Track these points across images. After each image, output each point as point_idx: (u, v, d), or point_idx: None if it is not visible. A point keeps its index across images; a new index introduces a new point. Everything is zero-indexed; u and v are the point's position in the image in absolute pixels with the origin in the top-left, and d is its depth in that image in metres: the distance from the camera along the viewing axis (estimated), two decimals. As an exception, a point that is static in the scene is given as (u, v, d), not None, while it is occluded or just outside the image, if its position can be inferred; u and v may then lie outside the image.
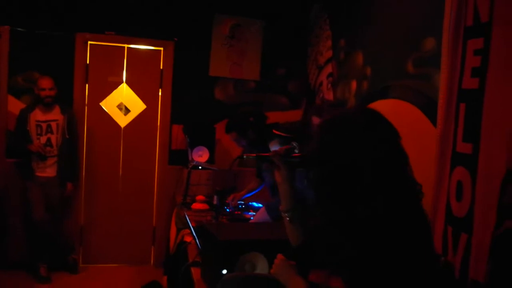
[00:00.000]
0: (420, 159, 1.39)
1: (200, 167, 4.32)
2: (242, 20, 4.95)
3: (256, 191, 4.00)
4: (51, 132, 4.32)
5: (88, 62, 4.74)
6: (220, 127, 4.80)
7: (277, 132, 2.75)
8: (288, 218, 1.65)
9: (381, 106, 3.11)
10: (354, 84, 3.70)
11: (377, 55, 3.39)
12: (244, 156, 1.80)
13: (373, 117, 1.31)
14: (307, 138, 2.77)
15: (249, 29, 4.96)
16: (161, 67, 4.89)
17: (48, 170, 4.32)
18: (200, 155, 4.39)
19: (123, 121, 4.88)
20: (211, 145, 4.51)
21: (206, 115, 4.84)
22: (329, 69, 4.30)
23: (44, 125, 4.31)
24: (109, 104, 4.84)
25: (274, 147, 2.73)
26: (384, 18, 3.29)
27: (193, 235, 2.60)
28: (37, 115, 4.31)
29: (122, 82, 4.85)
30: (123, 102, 4.87)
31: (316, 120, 2.92)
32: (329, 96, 4.25)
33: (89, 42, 4.73)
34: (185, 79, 4.85)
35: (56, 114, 4.35)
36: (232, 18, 4.91)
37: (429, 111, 2.57)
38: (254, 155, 1.76)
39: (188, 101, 4.84)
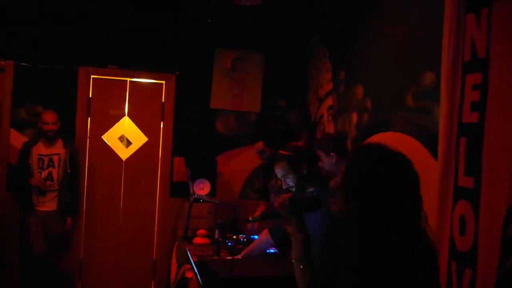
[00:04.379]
0: (421, 192, 1.40)
1: (201, 200, 4.30)
2: (243, 53, 5.03)
3: None
4: (53, 166, 4.33)
5: (90, 95, 4.79)
6: (222, 159, 4.84)
7: (284, 152, 2.70)
8: (301, 267, 1.63)
9: (382, 139, 3.12)
10: (354, 117, 3.73)
11: (377, 88, 3.43)
12: (250, 219, 1.82)
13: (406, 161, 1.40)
14: (315, 158, 2.78)
15: (250, 62, 5.04)
16: (163, 100, 4.94)
17: (48, 204, 4.30)
18: (202, 188, 4.38)
19: (124, 153, 4.90)
20: (213, 178, 4.50)
21: (207, 148, 4.86)
22: (329, 101, 4.33)
23: (46, 159, 4.32)
24: (111, 137, 4.87)
25: (281, 170, 2.67)
26: (384, 51, 3.34)
27: (195, 271, 2.57)
28: (40, 148, 4.32)
29: (124, 115, 4.89)
30: (124, 135, 4.89)
31: (321, 154, 2.92)
32: (330, 128, 4.27)
33: (92, 76, 4.79)
34: (186, 112, 4.90)
35: (58, 148, 4.37)
36: (232, 51, 4.99)
37: (430, 144, 2.58)
38: (260, 214, 1.77)
39: (190, 133, 4.87)
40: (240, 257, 2.96)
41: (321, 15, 4.56)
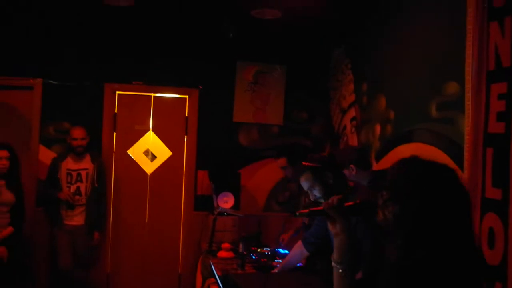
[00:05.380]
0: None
1: (225, 213, 4.31)
2: (265, 66, 5.06)
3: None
4: (81, 181, 4.41)
5: (116, 111, 4.89)
6: (245, 172, 4.85)
7: (308, 164, 2.65)
8: (340, 270, 1.59)
9: (406, 150, 3.09)
10: (378, 128, 3.70)
11: (400, 99, 3.39)
12: (297, 213, 1.79)
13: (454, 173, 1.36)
14: (339, 169, 2.74)
15: (272, 74, 5.06)
16: (186, 114, 5.00)
17: (76, 219, 4.38)
18: (226, 201, 4.39)
19: (149, 167, 4.96)
20: (236, 191, 4.52)
21: (230, 161, 4.88)
22: (352, 113, 4.31)
23: (74, 174, 4.41)
24: (136, 152, 4.94)
25: (306, 182, 2.63)
26: (406, 62, 3.31)
27: (219, 285, 2.57)
28: (69, 163, 4.42)
29: (149, 129, 4.97)
30: (149, 149, 4.96)
31: (343, 166, 2.90)
32: (353, 140, 4.25)
33: (117, 92, 4.89)
34: (209, 125, 4.94)
35: (86, 163, 4.46)
36: (254, 65, 5.03)
37: (455, 155, 2.53)
38: (307, 211, 1.74)
39: (213, 147, 4.90)
40: (275, 272, 2.95)
41: (343, 27, 4.56)
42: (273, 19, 4.39)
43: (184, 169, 4.99)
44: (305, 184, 2.63)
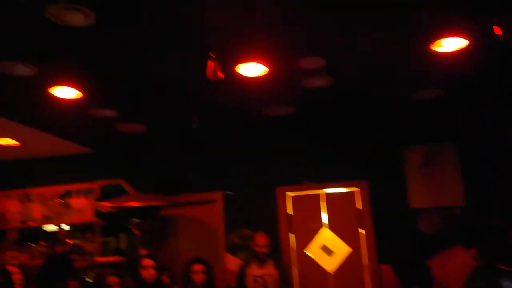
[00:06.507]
0: None
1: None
2: (433, 146, 4.85)
3: None
4: (267, 286, 4.51)
5: (289, 212, 5.03)
6: (434, 263, 4.47)
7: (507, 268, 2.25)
8: None
9: None
10: None
11: None
12: None
13: None
14: None
15: (443, 154, 4.81)
16: (359, 207, 4.93)
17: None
18: (419, 298, 4.06)
19: (329, 265, 4.89)
20: (427, 285, 4.16)
21: (414, 251, 4.58)
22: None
23: (260, 280, 4.54)
24: (314, 250, 4.95)
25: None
26: None
27: None
28: (253, 269, 4.57)
29: (323, 226, 4.98)
30: (327, 246, 4.93)
31: None
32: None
33: (288, 193, 5.07)
34: (384, 216, 4.77)
35: (270, 269, 4.56)
36: (422, 147, 4.84)
37: None
38: None
39: (392, 238, 4.68)
40: None
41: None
42: (434, 98, 4.25)
43: (364, 264, 4.81)
44: None
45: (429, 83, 3.99)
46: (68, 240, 5.16)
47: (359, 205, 4.94)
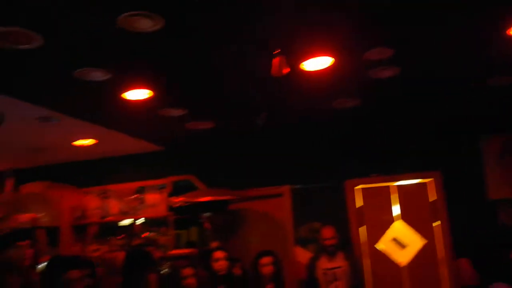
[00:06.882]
0: None
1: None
2: (512, 135, 4.57)
3: None
4: (337, 279, 4.48)
5: (359, 205, 4.95)
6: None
7: None
8: None
9: None
10: None
11: None
12: None
13: None
14: None
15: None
16: (432, 198, 4.75)
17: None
18: (502, 293, 3.84)
19: (402, 258, 4.77)
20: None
21: (494, 244, 4.34)
22: None
23: (330, 273, 4.51)
24: (385, 244, 4.84)
25: None
26: None
27: None
28: (323, 263, 4.56)
29: (394, 219, 4.85)
30: (398, 239, 4.81)
31: None
32: None
33: (357, 187, 4.98)
34: (461, 207, 4.57)
35: (340, 261, 4.53)
36: (500, 136, 4.57)
37: None
38: None
39: (470, 230, 4.48)
40: None
41: None
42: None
43: (439, 258, 4.64)
44: None
45: (505, 69, 3.75)
46: (143, 234, 5.40)
47: (432, 196, 4.76)
